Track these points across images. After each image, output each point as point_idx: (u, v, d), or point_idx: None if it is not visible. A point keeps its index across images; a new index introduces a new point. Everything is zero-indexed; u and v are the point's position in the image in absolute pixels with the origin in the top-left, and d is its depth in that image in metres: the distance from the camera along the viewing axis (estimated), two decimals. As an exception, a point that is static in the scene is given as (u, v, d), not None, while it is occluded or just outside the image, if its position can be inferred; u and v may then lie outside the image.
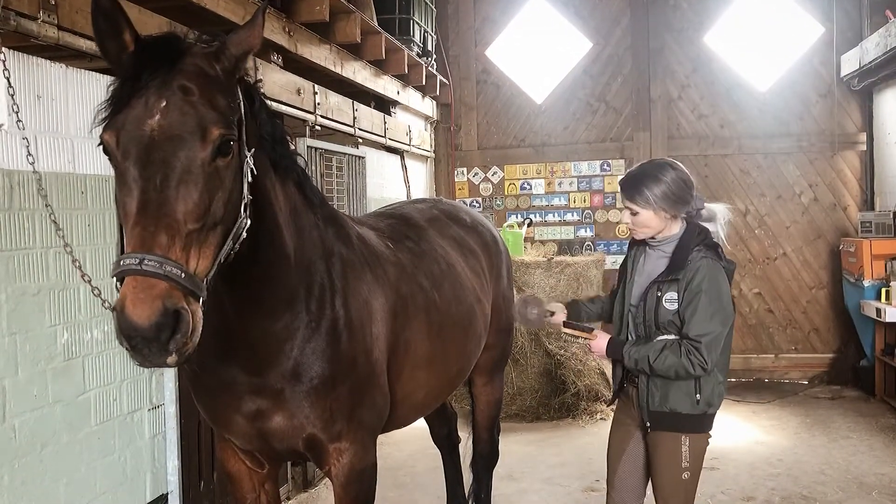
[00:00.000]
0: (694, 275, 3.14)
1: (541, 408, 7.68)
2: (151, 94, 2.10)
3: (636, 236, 3.37)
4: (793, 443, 6.81)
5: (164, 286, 1.94)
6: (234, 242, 2.28)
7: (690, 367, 3.10)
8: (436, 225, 4.05)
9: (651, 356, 3.14)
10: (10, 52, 3.35)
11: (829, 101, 9.01)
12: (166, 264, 1.95)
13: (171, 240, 1.99)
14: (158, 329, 1.91)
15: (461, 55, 9.88)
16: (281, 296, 2.74)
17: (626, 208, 3.32)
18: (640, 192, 3.24)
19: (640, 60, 9.41)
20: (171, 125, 2.07)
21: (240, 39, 2.27)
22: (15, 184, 3.44)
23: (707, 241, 3.27)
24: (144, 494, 4.28)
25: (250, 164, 2.33)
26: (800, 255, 9.20)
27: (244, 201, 2.29)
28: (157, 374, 4.33)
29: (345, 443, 2.94)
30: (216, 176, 2.13)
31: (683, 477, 3.26)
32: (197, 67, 2.18)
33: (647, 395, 3.26)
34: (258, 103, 2.52)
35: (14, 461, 3.43)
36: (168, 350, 1.95)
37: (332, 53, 6.24)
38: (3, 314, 3.39)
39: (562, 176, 9.66)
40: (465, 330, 3.77)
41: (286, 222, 2.72)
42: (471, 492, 4.79)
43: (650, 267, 3.34)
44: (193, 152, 2.08)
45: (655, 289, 3.21)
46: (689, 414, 3.22)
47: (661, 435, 3.27)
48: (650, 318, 3.22)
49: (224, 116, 2.17)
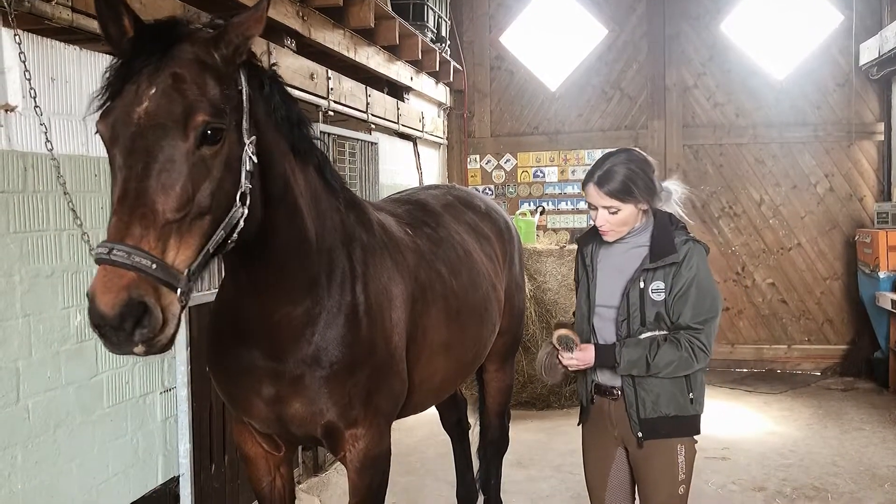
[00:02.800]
0: (685, 259, 2.93)
1: (551, 396, 7.67)
2: (143, 81, 2.08)
3: (608, 238, 3.05)
4: (805, 434, 6.78)
5: (131, 276, 1.93)
6: (230, 232, 2.24)
7: (692, 359, 2.89)
8: (451, 211, 4.04)
9: (649, 355, 2.89)
10: (24, 34, 3.36)
11: (847, 90, 8.91)
12: (135, 255, 1.94)
13: (146, 230, 1.97)
14: (122, 318, 1.91)
15: (475, 41, 9.82)
16: (302, 281, 2.74)
17: (604, 208, 2.96)
18: (624, 185, 2.93)
19: (655, 48, 9.34)
20: (157, 113, 2.05)
21: (240, 25, 2.22)
22: (29, 166, 3.45)
23: (682, 225, 3.07)
24: (156, 476, 4.31)
25: (249, 152, 2.27)
26: (814, 246, 9.13)
27: (241, 190, 2.24)
28: (170, 358, 4.35)
29: (361, 429, 2.94)
30: (202, 165, 2.10)
31: (680, 491, 3.02)
32: (192, 54, 2.15)
33: (635, 402, 2.98)
34: (268, 88, 2.47)
35: (28, 441, 3.46)
36: (133, 340, 1.95)
37: (345, 38, 6.22)
38: (17, 296, 3.41)
39: (575, 164, 9.61)
40: (482, 316, 3.76)
41: (307, 206, 2.71)
42: (480, 478, 4.80)
43: (619, 261, 3.06)
44: (176, 141, 2.05)
45: (640, 281, 2.96)
46: (685, 416, 3.00)
47: (655, 447, 3.00)
48: (635, 313, 2.96)
49: (213, 105, 2.12)
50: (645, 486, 3.07)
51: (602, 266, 3.12)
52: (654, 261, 2.96)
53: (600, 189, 2.96)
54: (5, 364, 3.36)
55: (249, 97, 2.31)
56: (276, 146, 2.50)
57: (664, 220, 3.05)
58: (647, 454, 3.02)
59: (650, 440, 2.99)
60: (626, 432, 3.06)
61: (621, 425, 3.06)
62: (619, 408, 3.06)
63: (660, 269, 2.95)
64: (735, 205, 9.27)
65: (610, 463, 3.15)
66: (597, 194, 2.97)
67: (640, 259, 3.01)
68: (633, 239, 3.05)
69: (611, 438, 3.13)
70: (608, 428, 3.12)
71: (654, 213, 3.07)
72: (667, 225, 3.04)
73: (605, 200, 2.96)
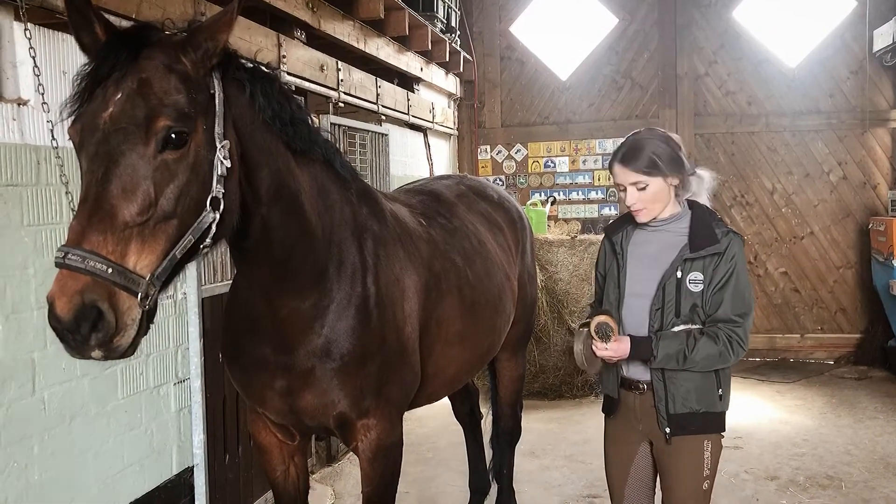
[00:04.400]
0: (726, 250, 2.87)
1: (563, 386, 7.68)
2: (110, 87, 2.08)
3: (642, 218, 2.98)
4: (818, 423, 6.76)
5: (85, 281, 1.92)
6: (200, 237, 2.20)
7: (729, 353, 2.84)
8: (464, 201, 4.04)
9: (686, 348, 2.82)
10: (35, 28, 3.37)
11: (861, 78, 8.84)
12: (90, 259, 1.92)
13: (103, 234, 1.96)
14: (77, 323, 1.90)
15: (485, 31, 9.80)
16: (307, 275, 2.75)
17: (631, 185, 2.92)
18: (648, 159, 2.89)
19: (666, 36, 9.28)
20: (120, 117, 2.04)
21: (207, 29, 2.20)
22: (42, 159, 3.47)
23: (720, 217, 3.04)
24: (171, 467, 4.34)
25: (221, 156, 2.22)
26: (827, 234, 9.07)
27: (211, 195, 2.20)
28: (183, 349, 4.37)
29: (372, 419, 2.96)
30: (164, 170, 2.08)
31: (704, 487, 2.96)
32: (160, 59, 2.14)
33: (665, 397, 2.91)
34: (249, 89, 2.41)
35: (44, 432, 3.49)
36: (90, 344, 1.94)
37: (355, 30, 6.21)
38: (32, 288, 3.44)
39: (586, 153, 9.58)
40: (496, 306, 3.76)
41: (311, 202, 2.70)
42: (493, 467, 4.81)
43: (652, 250, 2.99)
44: (137, 145, 2.04)
45: (678, 271, 2.88)
46: (714, 412, 2.95)
47: (683, 442, 2.92)
48: (670, 304, 2.89)
49: (176, 108, 2.10)
50: (669, 480, 3.01)
51: (633, 254, 3.04)
52: (695, 251, 2.89)
53: (626, 166, 2.93)
54: (21, 356, 3.39)
55: (225, 100, 2.28)
56: (265, 146, 2.48)
57: (702, 210, 3.01)
58: (673, 450, 2.96)
59: (677, 436, 2.93)
60: (652, 427, 2.99)
61: (647, 420, 2.99)
62: (646, 402, 2.99)
63: (699, 259, 2.89)
64: (747, 194, 9.22)
65: (632, 457, 3.09)
66: (622, 171, 2.94)
67: (675, 249, 2.94)
68: (670, 226, 2.99)
69: (635, 433, 3.06)
70: (633, 422, 3.05)
71: (690, 204, 3.03)
72: (706, 215, 2.99)
73: (632, 176, 2.91)
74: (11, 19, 3.28)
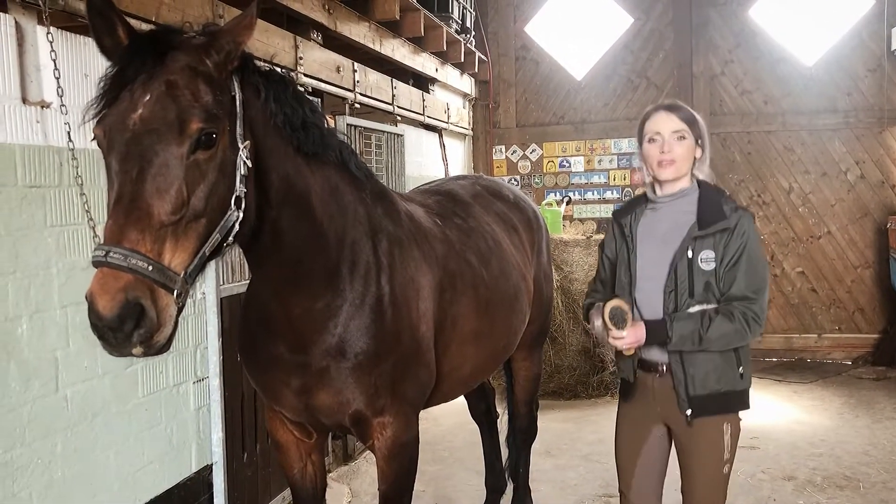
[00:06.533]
0: (736, 226, 2.85)
1: (579, 386, 7.68)
2: (137, 89, 2.12)
3: (666, 174, 2.92)
4: (835, 423, 6.72)
5: (128, 279, 1.96)
6: (225, 235, 2.26)
7: (746, 330, 2.80)
8: (480, 201, 4.06)
9: (701, 328, 2.78)
10: (58, 32, 3.42)
11: (879, 76, 8.78)
12: (132, 257, 1.97)
13: (142, 233, 2.00)
14: (121, 320, 1.94)
15: (500, 31, 9.81)
16: (320, 275, 2.77)
17: (672, 133, 2.91)
18: (691, 114, 2.93)
19: (682, 35, 9.26)
20: (151, 119, 2.08)
21: (229, 32, 2.25)
22: (64, 160, 3.52)
23: (727, 193, 3.04)
24: (190, 465, 4.38)
25: (244, 157, 2.29)
26: (845, 234, 9.02)
27: (236, 194, 2.26)
28: (202, 349, 4.42)
29: (388, 417, 2.98)
30: (196, 169, 2.13)
31: (724, 471, 2.94)
32: (184, 61, 2.18)
33: (684, 379, 2.87)
34: (264, 93, 2.46)
35: (67, 430, 3.55)
36: (132, 341, 1.98)
37: (370, 31, 6.25)
38: (55, 287, 3.49)
39: (602, 153, 9.57)
40: (511, 306, 3.78)
41: (322, 204, 2.73)
42: (509, 466, 4.83)
43: (662, 230, 2.95)
44: (170, 145, 2.08)
45: (688, 250, 2.84)
46: (736, 391, 2.91)
47: (702, 424, 2.90)
48: (683, 284, 2.84)
49: (206, 110, 2.15)
50: (689, 463, 2.99)
51: (643, 236, 3.01)
52: (704, 228, 2.86)
53: (672, 112, 2.96)
54: (44, 354, 3.44)
55: (243, 102, 2.33)
56: (276, 149, 2.51)
57: (709, 187, 2.99)
58: (693, 432, 2.92)
59: (698, 418, 2.90)
60: (670, 410, 2.95)
61: (666, 402, 2.96)
62: (665, 384, 2.95)
63: (709, 236, 2.85)
64: (763, 193, 9.18)
65: (646, 437, 3.05)
66: (667, 118, 2.95)
67: (684, 228, 2.90)
68: (679, 202, 2.97)
69: (651, 415, 3.02)
70: (650, 404, 3.00)
71: (698, 182, 3.01)
72: (713, 192, 2.96)
73: (676, 123, 2.93)
74: (35, 23, 3.33)
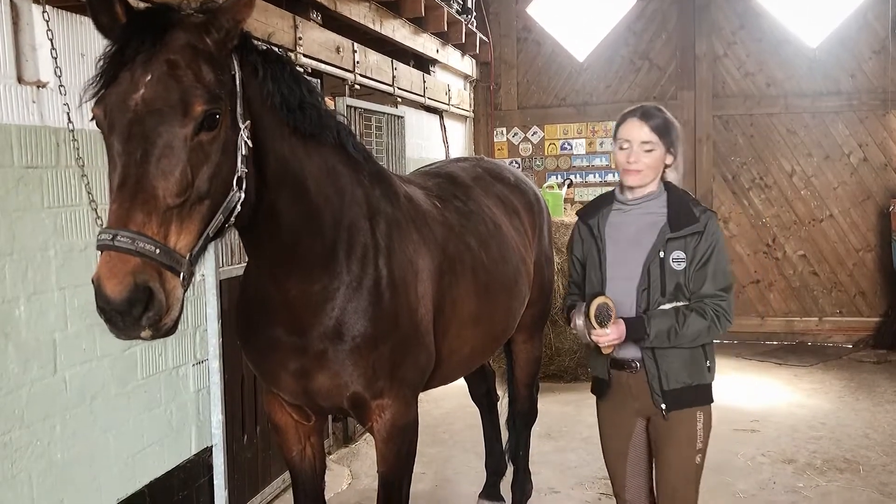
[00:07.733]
0: (706, 228, 2.93)
1: (579, 368, 7.68)
2: (138, 68, 2.08)
3: (631, 181, 2.97)
4: (836, 406, 6.72)
5: (136, 262, 1.94)
6: (228, 216, 2.24)
7: (716, 327, 2.90)
8: (480, 184, 4.03)
9: (677, 325, 2.88)
10: (54, 11, 3.38)
11: (883, 58, 8.70)
12: (139, 240, 1.95)
13: (148, 215, 1.98)
14: (130, 304, 1.92)
15: (501, 12, 9.72)
16: (315, 258, 2.75)
17: (641, 143, 2.93)
18: (665, 123, 2.97)
19: (685, 17, 9.18)
20: (154, 99, 2.05)
21: (229, 10, 2.20)
22: (61, 141, 3.49)
23: (693, 196, 3.12)
24: (190, 447, 4.38)
25: (245, 136, 2.27)
26: (847, 217, 8.98)
27: (237, 175, 2.24)
28: (202, 331, 4.41)
29: (387, 399, 2.97)
30: (199, 150, 2.10)
31: (697, 461, 3.03)
32: (184, 40, 2.14)
33: (657, 374, 2.97)
34: (261, 72, 2.43)
35: (65, 412, 3.54)
36: (140, 325, 1.97)
37: (371, 11, 6.18)
38: (53, 269, 3.47)
39: (603, 136, 9.51)
40: (511, 289, 3.77)
41: (319, 186, 2.70)
42: (509, 449, 4.83)
43: (631, 231, 3.02)
44: (174, 127, 2.05)
45: (660, 251, 2.93)
46: (704, 384, 3.02)
47: (677, 416, 2.99)
48: (655, 283, 2.93)
49: (209, 90, 2.12)
50: (665, 456, 3.06)
51: (611, 237, 3.06)
52: (675, 230, 2.94)
53: (645, 122, 2.96)
54: (42, 336, 3.43)
55: (242, 82, 2.30)
56: (273, 130, 2.48)
57: (678, 190, 3.06)
58: (669, 424, 3.01)
59: (674, 411, 2.99)
60: (647, 404, 3.04)
61: (642, 397, 3.04)
62: (639, 380, 3.03)
63: (680, 238, 2.94)
64: (766, 176, 9.14)
65: (629, 438, 3.13)
66: (639, 126, 2.96)
67: (654, 228, 2.98)
68: (648, 204, 3.02)
69: (631, 410, 3.10)
70: (628, 400, 3.08)
71: (665, 184, 3.07)
72: (682, 195, 3.05)
73: (647, 135, 2.95)
74: (30, 2, 3.28)
